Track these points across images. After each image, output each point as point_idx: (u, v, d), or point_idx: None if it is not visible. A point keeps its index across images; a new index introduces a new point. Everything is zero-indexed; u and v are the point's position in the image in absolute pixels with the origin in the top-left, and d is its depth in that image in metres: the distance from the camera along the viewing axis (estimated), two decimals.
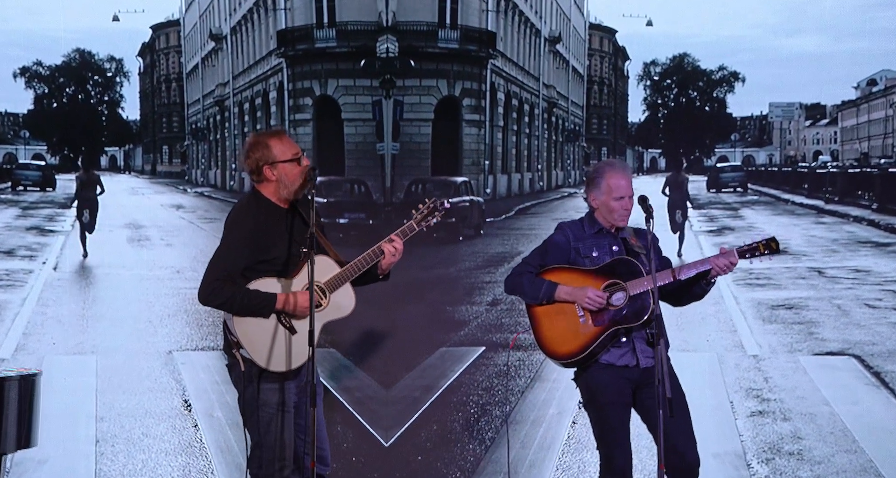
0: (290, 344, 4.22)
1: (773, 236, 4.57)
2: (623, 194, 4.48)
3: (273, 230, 4.28)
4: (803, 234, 19.25)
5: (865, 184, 25.80)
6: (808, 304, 11.49)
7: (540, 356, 8.75)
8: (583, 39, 34.30)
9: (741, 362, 8.66)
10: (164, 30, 33.20)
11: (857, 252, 16.51)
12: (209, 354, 8.74)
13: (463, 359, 8.63)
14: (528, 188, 29.68)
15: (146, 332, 10.03)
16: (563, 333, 4.42)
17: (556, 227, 4.64)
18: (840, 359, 8.71)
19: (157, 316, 10.89)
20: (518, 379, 8.03)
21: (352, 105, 24.56)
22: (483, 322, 10.54)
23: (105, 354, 8.86)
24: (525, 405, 7.18)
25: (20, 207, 25.65)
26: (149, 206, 26.67)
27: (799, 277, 13.54)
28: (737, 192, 31.34)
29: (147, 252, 17.47)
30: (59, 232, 19.72)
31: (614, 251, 4.48)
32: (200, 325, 10.12)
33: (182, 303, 11.68)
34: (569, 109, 33.64)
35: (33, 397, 4.36)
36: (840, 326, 10.14)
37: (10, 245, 17.31)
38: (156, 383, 7.90)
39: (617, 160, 4.83)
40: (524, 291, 4.46)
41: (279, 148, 4.31)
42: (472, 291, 12.69)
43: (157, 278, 13.81)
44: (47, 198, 28.27)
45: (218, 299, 4.19)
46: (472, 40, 25.48)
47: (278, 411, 4.26)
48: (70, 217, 20.40)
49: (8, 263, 14.99)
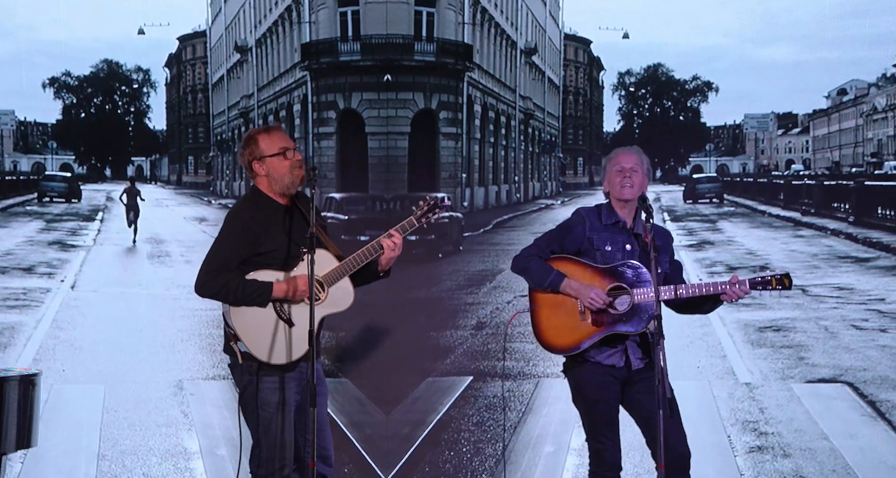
0: (289, 337, 4.21)
1: (787, 272, 4.56)
2: (623, 166, 4.50)
3: (269, 224, 4.30)
4: (783, 248, 19.23)
5: (841, 196, 25.87)
6: (795, 325, 11.41)
7: (530, 386, 8.63)
8: (558, 50, 34.27)
9: (734, 391, 8.52)
10: (191, 41, 33.13)
11: (839, 268, 16.49)
12: (219, 385, 8.55)
13: (451, 390, 8.45)
14: (506, 200, 29.59)
15: (157, 359, 9.82)
16: (559, 325, 4.45)
17: (573, 212, 4.64)
18: (833, 387, 8.60)
19: (170, 341, 10.70)
20: (510, 412, 7.85)
21: (375, 119, 24.46)
22: (469, 349, 10.36)
23: (113, 384, 8.62)
24: (519, 443, 7.00)
25: (45, 220, 25.81)
26: (172, 218, 26.51)
27: (783, 296, 13.45)
28: (713, 203, 31.38)
29: (165, 270, 17.37)
30: (80, 247, 19.87)
31: (627, 250, 4.49)
32: (213, 351, 9.91)
33: (196, 326, 11.53)
34: (545, 120, 33.59)
35: (33, 397, 4.36)
36: (829, 350, 10.05)
37: (31, 261, 17.29)
38: (162, 417, 7.66)
39: None
40: (531, 276, 4.48)
41: (266, 143, 4.35)
42: (456, 313, 12.51)
43: (173, 298, 13.66)
44: (72, 209, 28.21)
45: (212, 289, 4.20)
46: (449, 53, 25.36)
47: (278, 411, 4.25)
48: (93, 231, 23.17)
49: (27, 281, 14.89)
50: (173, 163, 35.35)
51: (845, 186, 25.58)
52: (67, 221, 25.54)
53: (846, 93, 44.00)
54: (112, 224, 25.44)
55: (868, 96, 42.04)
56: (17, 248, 19.37)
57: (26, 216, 26.54)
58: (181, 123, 34.43)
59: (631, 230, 4.53)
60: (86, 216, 27.08)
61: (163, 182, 35.91)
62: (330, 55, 25.22)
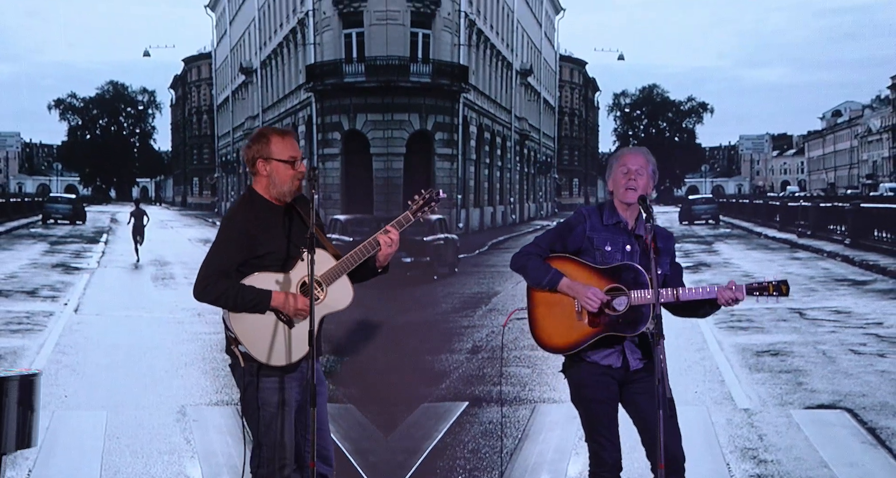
0: (289, 338, 4.22)
1: (784, 279, 4.62)
2: (629, 167, 4.51)
3: (267, 227, 4.29)
4: (780, 271, 19.16)
5: (837, 218, 25.84)
6: (792, 349, 11.33)
7: (526, 411, 8.55)
8: (553, 71, 34.33)
9: (733, 417, 8.44)
10: (196, 62, 33.20)
11: (836, 291, 16.43)
12: (223, 411, 8.45)
13: (446, 416, 8.35)
14: (501, 221, 29.53)
15: (161, 384, 9.71)
16: (556, 324, 4.42)
17: (574, 211, 4.63)
18: (832, 413, 8.52)
19: (174, 365, 10.59)
20: (505, 439, 7.76)
21: (380, 140, 24.44)
22: (464, 373, 10.27)
23: (116, 410, 8.52)
24: (515, 471, 6.90)
25: (49, 242, 25.82)
26: (176, 240, 26.41)
27: (780, 319, 13.40)
28: (709, 224, 31.35)
29: (170, 292, 17.26)
30: (84, 269, 19.82)
31: (626, 251, 4.47)
32: (217, 375, 9.82)
33: (200, 350, 11.44)
34: (540, 141, 33.60)
35: (33, 397, 4.39)
36: (828, 375, 9.97)
37: (34, 284, 17.23)
38: (165, 444, 7.55)
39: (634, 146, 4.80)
40: (529, 274, 4.46)
41: (278, 145, 4.33)
42: (451, 337, 12.42)
43: (177, 322, 13.56)
44: (76, 231, 28.17)
45: (211, 295, 4.19)
46: (445, 74, 25.37)
47: (279, 411, 4.26)
48: (97, 253, 23.44)
49: (30, 305, 14.81)
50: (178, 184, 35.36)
51: (841, 208, 25.56)
52: (72, 243, 25.50)
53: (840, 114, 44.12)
54: (116, 246, 25.39)
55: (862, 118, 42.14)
56: (20, 271, 19.31)
57: (30, 238, 26.52)
58: (186, 145, 34.47)
59: (632, 231, 4.53)
60: (90, 238, 27.05)
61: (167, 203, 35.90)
62: (334, 76, 25.24)
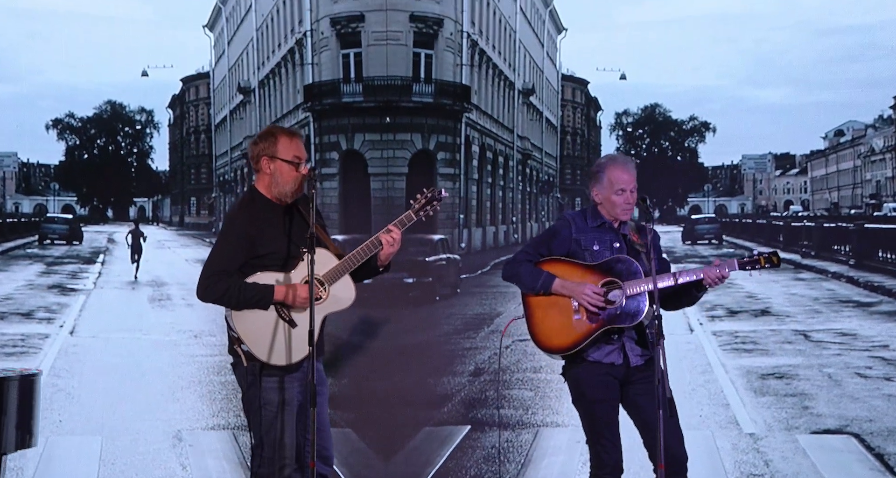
0: (290, 338, 4.22)
1: (775, 251, 4.60)
2: (625, 188, 4.47)
3: (269, 226, 4.30)
4: (784, 292, 19.05)
5: (841, 238, 25.74)
6: (798, 372, 11.21)
7: (528, 435, 8.44)
8: (556, 91, 34.33)
9: (738, 442, 8.31)
10: (194, 82, 33.28)
11: (841, 313, 16.31)
12: (219, 435, 8.33)
13: (448, 440, 8.24)
14: (503, 241, 29.47)
15: (157, 408, 9.58)
16: (555, 325, 4.42)
17: (558, 217, 4.72)
18: (839, 438, 8.40)
19: (170, 388, 10.47)
20: (507, 464, 7.64)
21: (378, 160, 24.44)
22: (466, 396, 10.16)
23: (111, 435, 8.40)
24: None
25: (45, 263, 25.84)
26: (173, 260, 26.37)
27: (785, 341, 13.30)
28: (712, 244, 31.28)
29: (167, 314, 17.14)
30: (80, 291, 19.73)
31: (615, 247, 4.49)
32: (213, 399, 9.71)
33: (196, 373, 11.34)
34: (543, 161, 33.56)
35: (33, 397, 4.37)
36: (834, 399, 9.85)
37: (30, 306, 17.13)
38: (161, 470, 7.42)
39: (619, 154, 4.82)
40: (521, 280, 4.46)
41: (285, 145, 4.33)
42: (454, 359, 12.31)
43: (174, 344, 13.48)
44: (73, 252, 28.07)
45: (215, 294, 4.21)
46: (447, 94, 25.38)
47: (280, 411, 4.25)
48: (93, 274, 23.42)
49: (25, 327, 14.70)
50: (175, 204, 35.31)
51: (845, 228, 25.47)
52: (68, 263, 25.42)
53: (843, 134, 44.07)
54: (113, 267, 25.33)
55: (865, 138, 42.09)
56: (16, 292, 19.24)
57: (27, 259, 26.44)
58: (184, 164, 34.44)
59: (618, 230, 4.56)
60: (86, 259, 26.98)
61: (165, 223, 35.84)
62: (332, 96, 25.28)
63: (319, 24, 25.35)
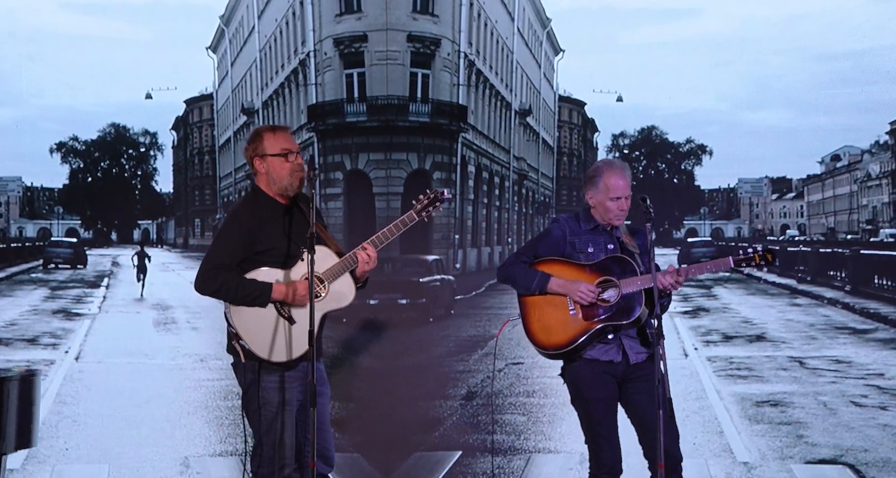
0: (290, 334, 4.21)
1: (770, 248, 4.65)
2: (620, 195, 4.56)
3: (269, 223, 4.32)
4: (779, 317, 18.97)
5: (837, 264, 25.69)
6: (792, 400, 11.12)
7: (521, 461, 8.33)
8: (552, 112, 34.40)
9: (732, 470, 8.21)
10: (198, 104, 33.31)
11: (836, 339, 16.24)
12: (227, 462, 8.22)
13: (439, 466, 8.13)
14: (499, 262, 29.39)
15: (163, 434, 9.42)
16: (551, 324, 4.45)
17: (552, 219, 4.69)
18: (834, 469, 8.30)
19: (176, 414, 10.32)
20: None
21: (383, 179, 24.44)
22: (458, 421, 10.05)
23: (118, 463, 8.23)
24: None
25: (49, 287, 25.71)
26: (178, 283, 26.22)
27: (780, 368, 13.22)
28: None
29: (172, 337, 17.02)
30: (85, 315, 19.66)
31: (609, 249, 4.55)
32: (220, 424, 9.59)
33: (203, 398, 11.21)
34: (539, 181, 33.56)
35: (33, 397, 4.39)
36: (829, 428, 9.75)
37: (35, 332, 17.03)
38: None
39: (616, 160, 4.87)
40: (517, 282, 4.50)
41: (270, 141, 4.38)
42: (446, 382, 12.21)
43: (180, 368, 13.38)
44: (77, 276, 27.90)
45: (212, 287, 4.23)
46: (444, 114, 25.39)
47: (280, 410, 4.25)
48: (98, 298, 23.35)
49: (30, 353, 14.61)
50: (180, 226, 35.27)
51: (841, 254, 25.42)
52: (73, 288, 25.29)
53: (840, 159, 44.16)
54: (118, 290, 25.21)
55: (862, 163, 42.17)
56: (21, 318, 19.17)
57: (31, 284, 26.32)
58: (188, 186, 34.42)
59: (611, 233, 4.62)
60: (91, 283, 26.86)
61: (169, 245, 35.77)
62: (336, 116, 25.32)
63: (323, 44, 25.41)
